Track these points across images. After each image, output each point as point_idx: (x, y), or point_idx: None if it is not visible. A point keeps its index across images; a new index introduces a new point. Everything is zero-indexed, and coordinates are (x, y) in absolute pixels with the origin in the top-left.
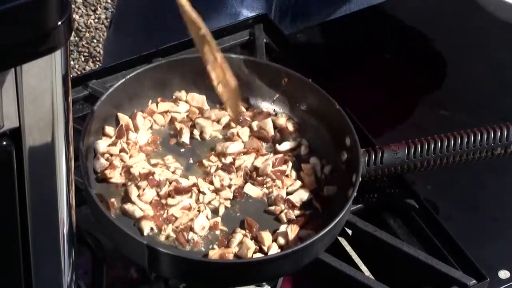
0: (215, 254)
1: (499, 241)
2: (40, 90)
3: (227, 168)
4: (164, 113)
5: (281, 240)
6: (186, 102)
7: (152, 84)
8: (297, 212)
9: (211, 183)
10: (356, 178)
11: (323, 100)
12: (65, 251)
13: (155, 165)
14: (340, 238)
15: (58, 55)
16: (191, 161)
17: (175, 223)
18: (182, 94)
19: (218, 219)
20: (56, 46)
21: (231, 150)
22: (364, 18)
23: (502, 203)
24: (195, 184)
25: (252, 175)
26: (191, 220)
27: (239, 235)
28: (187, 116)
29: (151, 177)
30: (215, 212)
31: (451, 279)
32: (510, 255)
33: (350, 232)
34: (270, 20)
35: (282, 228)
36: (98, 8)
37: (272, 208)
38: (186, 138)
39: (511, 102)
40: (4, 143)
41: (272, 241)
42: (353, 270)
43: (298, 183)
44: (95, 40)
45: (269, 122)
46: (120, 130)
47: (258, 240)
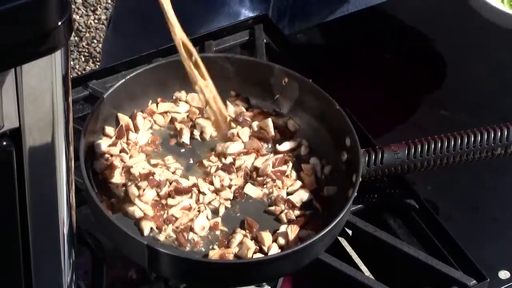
0: (215, 254)
1: (499, 241)
2: (40, 90)
3: (227, 169)
4: (164, 113)
5: (281, 240)
6: (186, 102)
7: (152, 84)
8: (297, 212)
9: (211, 183)
10: (356, 178)
11: (323, 100)
12: (65, 251)
13: (155, 165)
14: (340, 238)
15: (58, 55)
16: (191, 161)
17: (175, 223)
18: (182, 94)
19: (218, 219)
20: (56, 46)
21: (231, 150)
22: (364, 18)
23: (502, 203)
24: (195, 185)
25: (252, 175)
26: (191, 220)
27: (239, 235)
28: (187, 116)
29: (151, 177)
30: (215, 212)
31: (451, 279)
32: (510, 256)
33: (350, 232)
34: (270, 20)
35: (282, 228)
36: (98, 9)
37: (272, 208)
38: (186, 138)
39: (511, 102)
40: (4, 143)
41: (272, 241)
42: (353, 270)
43: (298, 183)
44: (95, 41)
45: (269, 122)
46: (120, 130)
47: (258, 241)
